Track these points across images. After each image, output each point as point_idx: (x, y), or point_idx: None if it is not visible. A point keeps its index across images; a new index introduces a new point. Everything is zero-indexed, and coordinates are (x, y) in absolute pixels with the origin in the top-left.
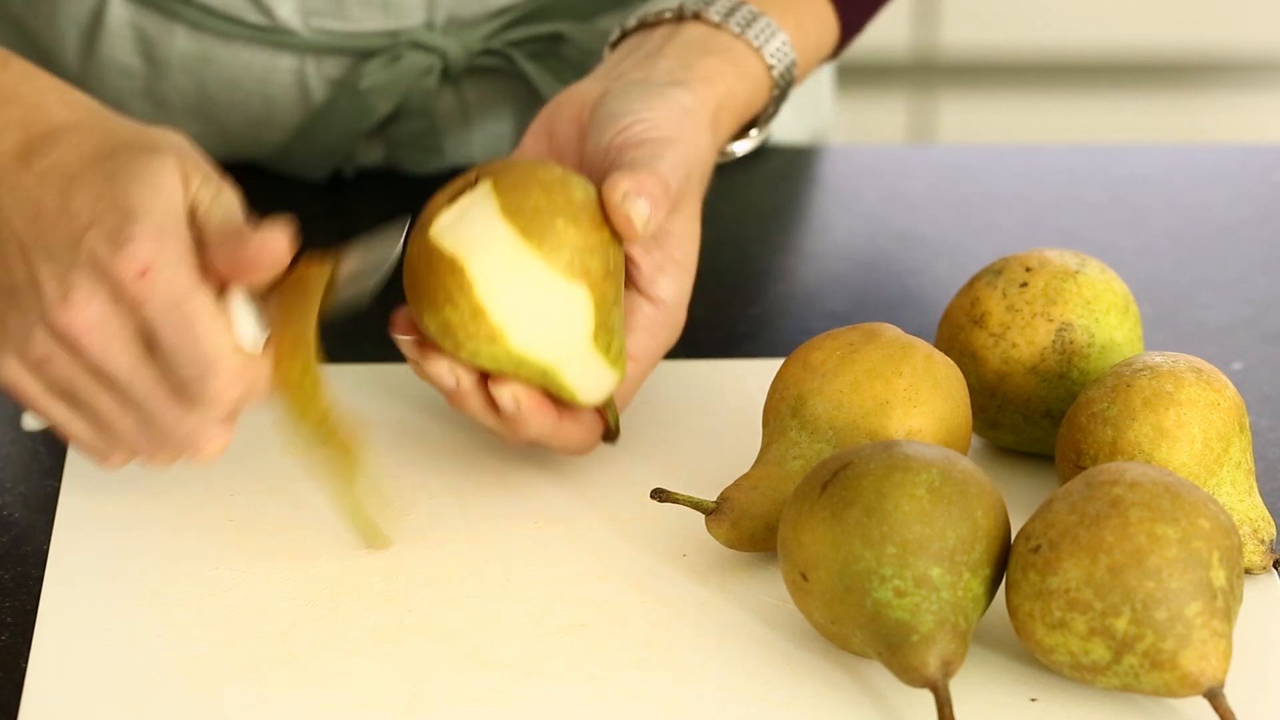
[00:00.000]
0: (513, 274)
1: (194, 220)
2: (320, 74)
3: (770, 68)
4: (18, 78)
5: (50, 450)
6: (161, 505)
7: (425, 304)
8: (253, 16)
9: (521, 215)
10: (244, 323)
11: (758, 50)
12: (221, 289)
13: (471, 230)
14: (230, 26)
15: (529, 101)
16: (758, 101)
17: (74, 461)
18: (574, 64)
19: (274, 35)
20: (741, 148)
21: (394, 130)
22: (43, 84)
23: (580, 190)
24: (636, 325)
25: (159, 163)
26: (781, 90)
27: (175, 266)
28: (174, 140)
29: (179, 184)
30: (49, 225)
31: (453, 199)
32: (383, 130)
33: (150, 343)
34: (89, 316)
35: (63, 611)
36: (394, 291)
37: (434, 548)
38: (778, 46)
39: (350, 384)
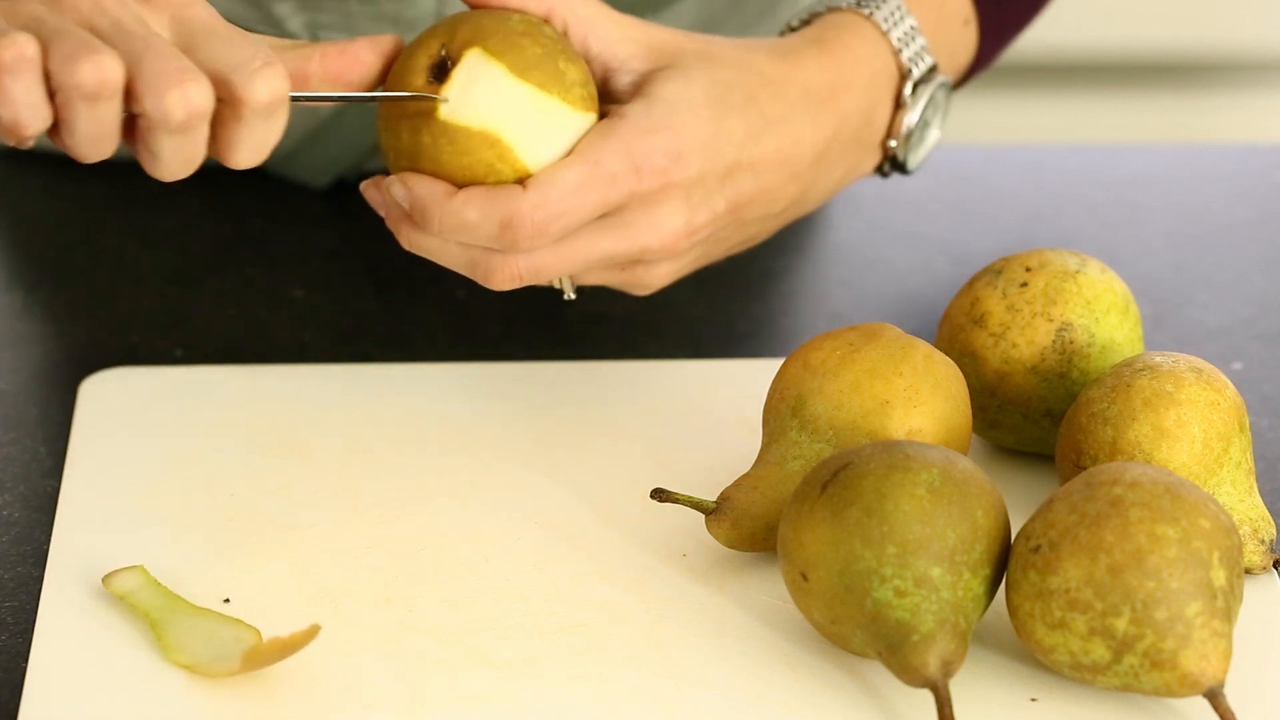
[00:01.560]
0: (545, 126)
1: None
2: None
3: (886, 33)
4: None
5: (50, 450)
6: (161, 506)
7: (459, 183)
8: (262, 29)
9: (532, 70)
10: None
11: (885, 35)
12: None
13: (490, 99)
14: None
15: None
16: (878, 71)
17: (74, 461)
18: None
19: None
20: (909, 124)
21: None
22: None
23: (546, 26)
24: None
25: None
26: (915, 80)
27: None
28: None
29: None
30: None
31: (435, 75)
32: None
33: (188, 42)
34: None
35: (63, 611)
36: (395, 291)
37: (434, 548)
38: (902, 28)
39: (350, 384)
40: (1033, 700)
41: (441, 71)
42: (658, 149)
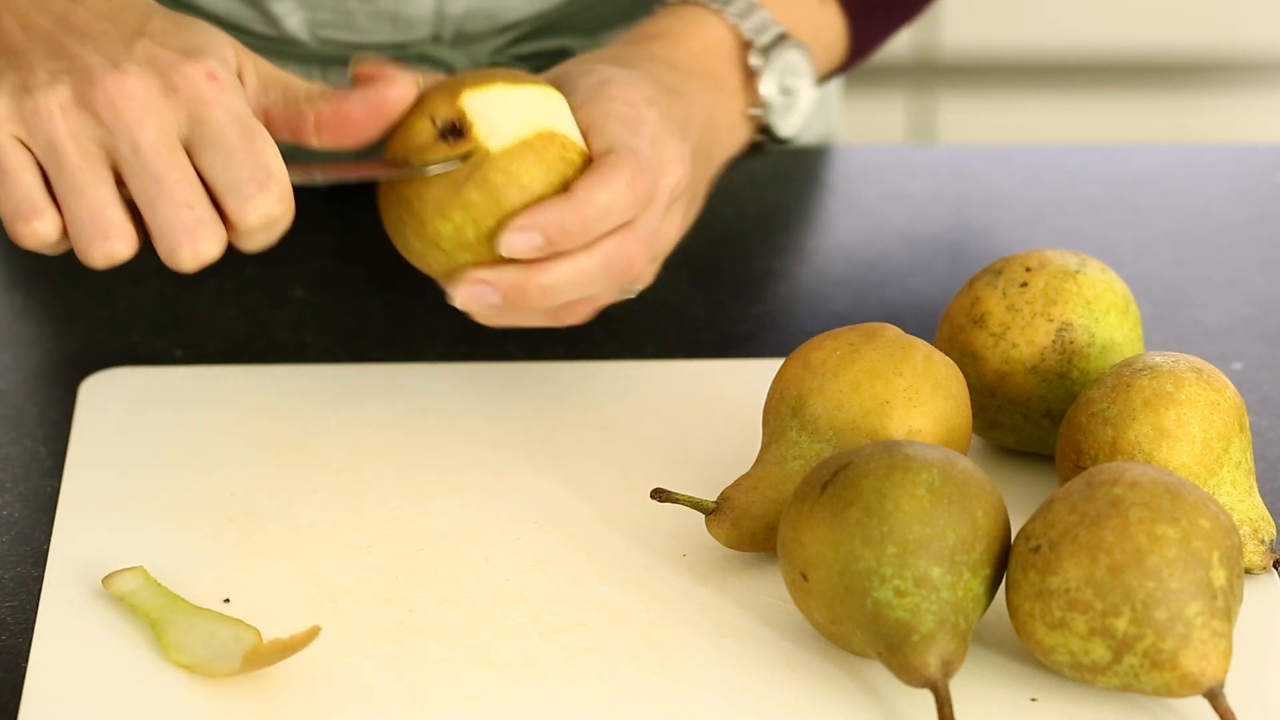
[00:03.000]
0: (560, 109)
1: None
2: (327, 84)
3: (717, 11)
4: None
5: (50, 450)
6: (161, 505)
7: (550, 188)
8: (260, 27)
9: (517, 77)
10: None
11: (718, 12)
12: None
13: (515, 110)
14: (238, 36)
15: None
16: (711, 43)
17: (74, 461)
18: None
19: (281, 45)
20: (766, 92)
21: None
22: None
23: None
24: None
25: (210, 27)
26: (760, 48)
27: (238, 92)
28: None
29: (231, 49)
30: (88, 26)
31: (447, 137)
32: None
33: (196, 144)
34: (136, 86)
35: (63, 611)
36: (395, 291)
37: (434, 548)
38: (737, 5)
39: (350, 384)
40: (1033, 700)
41: (451, 133)
42: (645, 94)
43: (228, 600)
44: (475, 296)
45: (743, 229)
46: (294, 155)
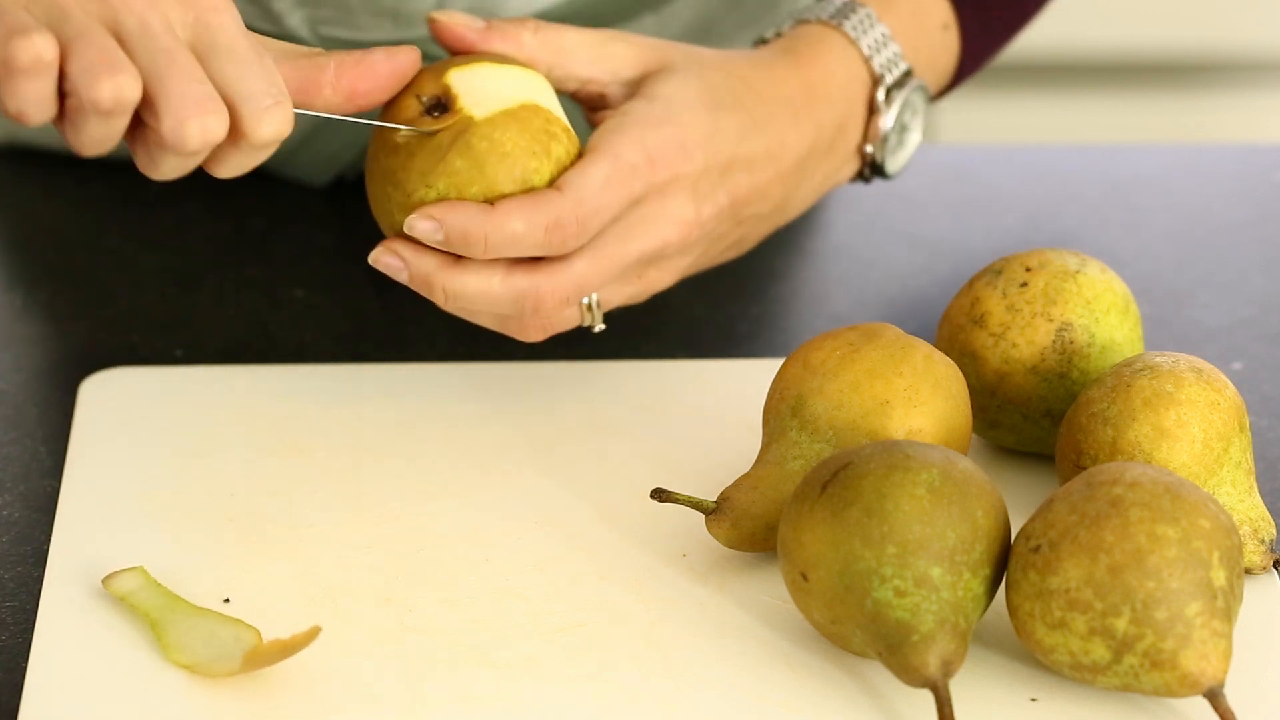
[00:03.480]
0: (544, 88)
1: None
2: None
3: (855, 41)
4: None
5: (50, 450)
6: (161, 506)
7: (515, 181)
8: (261, 24)
9: (504, 60)
10: None
11: (854, 42)
12: None
13: (500, 83)
14: None
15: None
16: (849, 80)
17: (74, 461)
18: None
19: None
20: (884, 130)
21: None
22: None
23: None
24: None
25: None
26: (889, 81)
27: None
28: None
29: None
30: None
31: (432, 112)
32: None
33: (206, 51)
34: None
35: (63, 611)
36: (395, 291)
37: (434, 548)
38: (873, 35)
39: (350, 384)
40: (1033, 700)
41: (436, 107)
42: (667, 141)
43: (228, 600)
44: (386, 266)
45: None
46: None
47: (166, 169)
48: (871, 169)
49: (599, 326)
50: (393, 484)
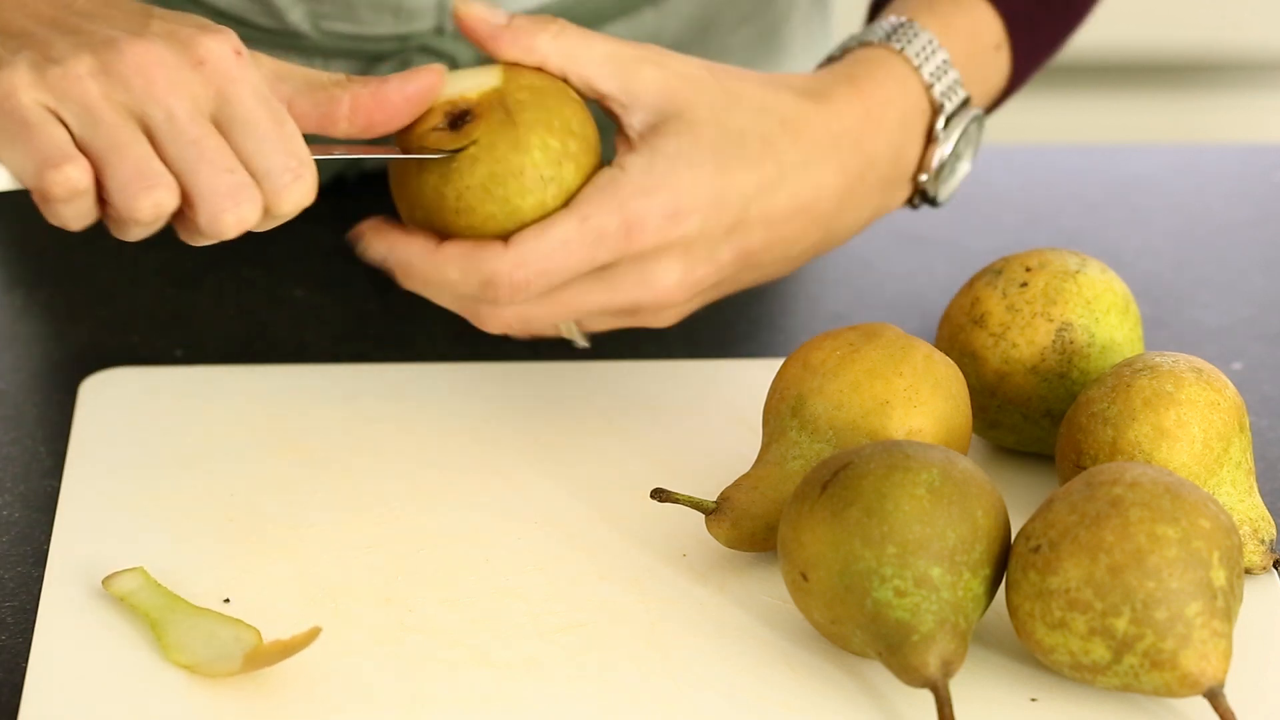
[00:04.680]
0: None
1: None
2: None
3: (918, 68)
4: None
5: (50, 450)
6: (161, 506)
7: (558, 131)
8: (263, 20)
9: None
10: None
11: (917, 70)
12: None
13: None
14: (239, 28)
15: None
16: (909, 109)
17: (74, 461)
18: None
19: (283, 38)
20: (938, 162)
21: None
22: None
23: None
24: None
25: (220, 28)
26: (948, 114)
27: (258, 71)
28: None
29: (238, 40)
30: (94, 11)
31: (452, 125)
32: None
33: (226, 123)
34: (163, 57)
35: (63, 611)
36: (395, 291)
37: (434, 548)
38: (935, 62)
39: (350, 384)
40: (1033, 700)
41: (460, 120)
42: (654, 209)
43: (228, 600)
44: (356, 242)
45: None
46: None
47: (205, 243)
48: (921, 197)
49: (581, 344)
50: (393, 484)
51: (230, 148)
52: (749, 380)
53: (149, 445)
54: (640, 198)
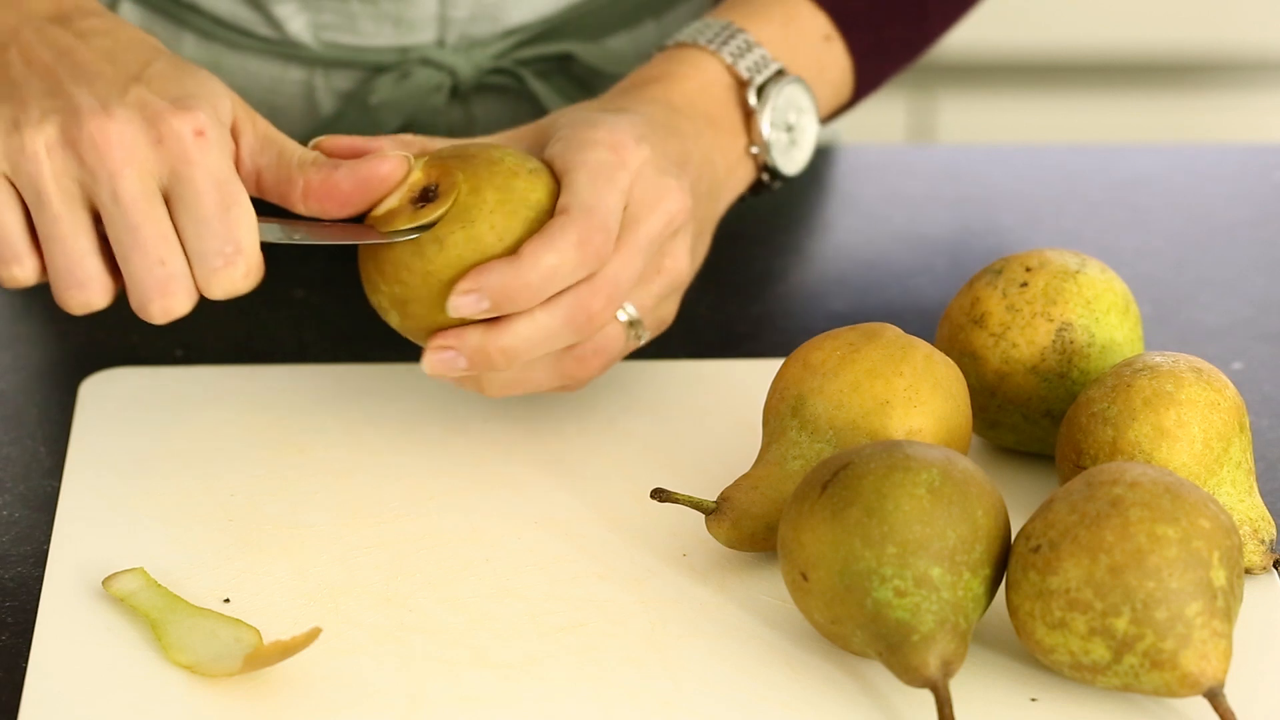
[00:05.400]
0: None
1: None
2: (329, 87)
3: (715, 52)
4: None
5: (50, 450)
6: (161, 506)
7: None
8: (264, 30)
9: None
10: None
11: (714, 53)
12: None
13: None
14: (240, 38)
15: (536, 119)
16: (708, 82)
17: (74, 461)
18: (583, 83)
19: (284, 48)
20: (766, 132)
21: None
22: None
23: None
24: None
25: (211, 77)
26: (758, 86)
27: (225, 150)
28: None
29: (229, 102)
30: (88, 65)
31: (420, 201)
32: None
33: (175, 202)
34: (122, 132)
35: (63, 611)
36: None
37: (434, 548)
38: (736, 43)
39: (350, 384)
40: (1033, 700)
41: (424, 198)
42: (612, 137)
43: (228, 600)
44: (443, 362)
45: (743, 229)
46: (283, 210)
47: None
48: (769, 173)
49: (645, 336)
50: (392, 484)
51: (172, 232)
52: (749, 380)
53: (149, 445)
54: (595, 130)
